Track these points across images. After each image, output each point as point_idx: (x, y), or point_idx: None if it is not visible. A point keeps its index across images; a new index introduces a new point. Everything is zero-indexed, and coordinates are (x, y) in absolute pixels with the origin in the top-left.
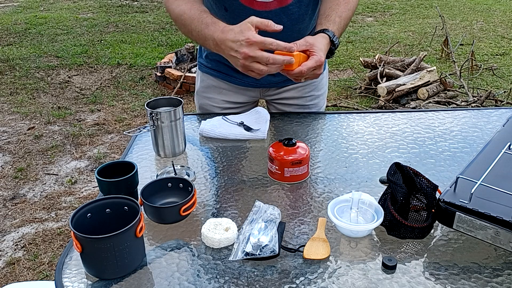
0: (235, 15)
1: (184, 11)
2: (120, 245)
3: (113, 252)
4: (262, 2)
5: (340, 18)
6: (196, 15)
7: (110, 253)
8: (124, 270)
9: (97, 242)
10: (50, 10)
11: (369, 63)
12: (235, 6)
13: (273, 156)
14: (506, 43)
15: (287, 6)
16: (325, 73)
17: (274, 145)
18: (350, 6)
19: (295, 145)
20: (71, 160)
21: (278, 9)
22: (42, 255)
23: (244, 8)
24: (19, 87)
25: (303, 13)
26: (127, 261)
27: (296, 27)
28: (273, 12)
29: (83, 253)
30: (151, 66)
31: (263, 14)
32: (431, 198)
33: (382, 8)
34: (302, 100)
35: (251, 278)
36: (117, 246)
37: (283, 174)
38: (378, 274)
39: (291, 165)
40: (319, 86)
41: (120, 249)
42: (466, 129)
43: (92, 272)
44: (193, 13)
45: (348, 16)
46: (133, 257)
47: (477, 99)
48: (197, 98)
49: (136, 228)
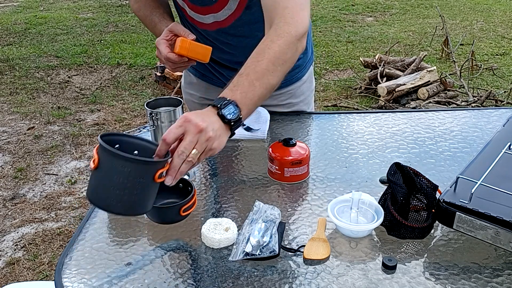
0: (188, 27)
1: (140, 8)
2: (136, 177)
3: (125, 180)
4: (203, 23)
5: (251, 75)
6: (148, 13)
7: (123, 179)
8: (125, 208)
9: (116, 160)
10: (50, 10)
11: (369, 63)
12: (184, 20)
13: (273, 156)
14: (506, 43)
15: (226, 28)
16: (304, 79)
17: (274, 145)
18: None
19: (295, 145)
20: (71, 160)
21: (218, 30)
22: (42, 255)
23: (190, 24)
24: (19, 87)
25: (253, 31)
26: (132, 199)
27: (249, 44)
28: (216, 32)
29: (96, 171)
30: (151, 66)
31: (208, 33)
32: (431, 198)
33: (382, 8)
34: (280, 108)
35: (251, 278)
36: (132, 175)
37: (283, 174)
38: (378, 274)
39: (291, 165)
40: (297, 93)
41: (133, 181)
42: (466, 129)
43: (93, 196)
44: (147, 10)
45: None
46: (140, 199)
47: (477, 99)
48: (183, 94)
49: (157, 171)
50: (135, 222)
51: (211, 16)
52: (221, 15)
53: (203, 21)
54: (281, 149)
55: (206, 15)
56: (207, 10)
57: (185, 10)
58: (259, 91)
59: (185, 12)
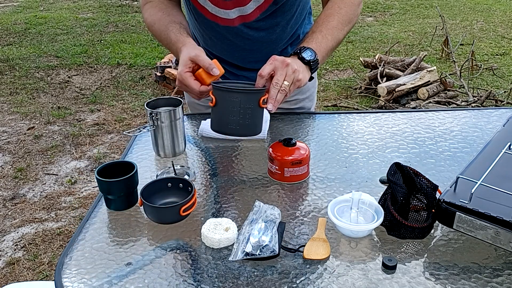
0: (204, 27)
1: (155, 21)
2: (246, 103)
3: (239, 107)
4: (225, 18)
5: (323, 31)
6: (163, 28)
7: (237, 107)
8: (243, 130)
9: (230, 93)
10: (50, 10)
11: (369, 63)
12: (202, 19)
13: (273, 156)
14: (506, 43)
15: (250, 23)
16: (312, 74)
17: (274, 145)
18: (339, 16)
19: (295, 145)
20: (71, 160)
21: (242, 25)
22: (42, 255)
23: (210, 22)
24: (19, 87)
25: (273, 25)
26: (247, 122)
27: (267, 38)
28: (238, 27)
29: (215, 107)
30: (151, 66)
31: (229, 29)
32: (431, 198)
33: (382, 8)
34: (287, 104)
35: (251, 278)
36: (243, 103)
37: (283, 174)
38: (378, 274)
39: (291, 165)
40: (304, 89)
41: (245, 107)
42: (466, 129)
43: (217, 126)
44: (161, 25)
45: (336, 25)
46: (252, 122)
47: (477, 99)
48: (186, 96)
49: (260, 98)
50: (135, 222)
51: (237, 10)
52: (248, 8)
53: (227, 16)
54: (281, 149)
55: (231, 9)
56: (233, 4)
57: (206, 8)
58: (330, 42)
59: (205, 10)
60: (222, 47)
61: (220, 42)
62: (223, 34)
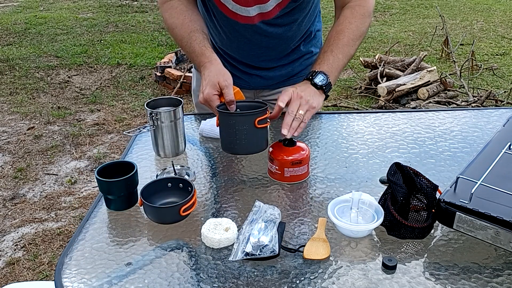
0: (222, 24)
1: (176, 25)
2: (240, 125)
3: (234, 129)
4: (245, 16)
5: (334, 50)
6: (185, 35)
7: (232, 129)
8: (244, 149)
9: (225, 116)
10: (50, 10)
11: (369, 63)
12: (221, 16)
13: (273, 156)
14: (506, 43)
15: (269, 20)
16: None
17: (274, 145)
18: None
19: (295, 145)
20: (71, 160)
21: (261, 22)
22: (42, 255)
23: (229, 19)
24: (19, 87)
25: (289, 23)
26: (244, 142)
27: (283, 35)
28: (256, 25)
29: (219, 128)
30: (151, 66)
31: (247, 27)
32: (431, 198)
33: (382, 8)
34: None
35: (251, 278)
36: (237, 125)
37: (283, 174)
38: (378, 274)
39: (291, 165)
40: None
41: (240, 128)
42: (466, 129)
43: (223, 146)
44: (183, 31)
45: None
46: (251, 141)
47: (477, 99)
48: (194, 96)
49: (256, 119)
50: (135, 222)
51: (257, 8)
52: (268, 6)
53: (247, 13)
54: (281, 149)
55: (252, 6)
56: (254, 1)
57: (226, 6)
58: (342, 61)
59: (226, 8)
60: (238, 45)
61: (236, 40)
62: (241, 32)
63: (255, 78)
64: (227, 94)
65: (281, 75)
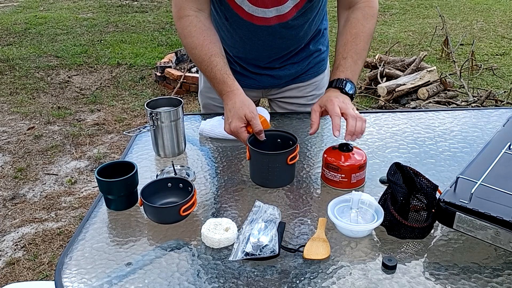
0: (236, 27)
1: (196, 46)
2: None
3: (266, 166)
4: (262, 17)
5: (354, 56)
6: (206, 58)
7: (265, 165)
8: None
9: (257, 154)
10: (50, 10)
11: (369, 63)
12: (235, 19)
13: (338, 165)
14: (506, 43)
15: (286, 22)
16: (326, 72)
17: (331, 153)
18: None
19: (352, 149)
20: (71, 160)
21: (277, 24)
22: (42, 255)
23: (244, 22)
24: (19, 87)
25: (303, 23)
26: (275, 178)
27: (296, 35)
28: (273, 27)
29: (250, 161)
30: (151, 66)
31: (263, 29)
32: (431, 198)
33: (382, 8)
34: (304, 100)
35: (251, 278)
36: (270, 162)
37: (350, 180)
38: (378, 274)
39: (358, 169)
40: (320, 85)
41: (272, 166)
42: (466, 129)
43: (253, 178)
44: (204, 54)
45: (363, 47)
46: (280, 177)
47: (477, 99)
48: (201, 98)
49: (289, 156)
50: (135, 222)
51: (274, 10)
52: (285, 7)
53: (264, 15)
54: (341, 155)
55: (269, 8)
56: (271, 3)
57: (243, 8)
58: (360, 66)
59: (242, 10)
60: (251, 47)
61: (250, 42)
62: (255, 34)
63: (265, 77)
64: (255, 125)
65: (290, 74)
